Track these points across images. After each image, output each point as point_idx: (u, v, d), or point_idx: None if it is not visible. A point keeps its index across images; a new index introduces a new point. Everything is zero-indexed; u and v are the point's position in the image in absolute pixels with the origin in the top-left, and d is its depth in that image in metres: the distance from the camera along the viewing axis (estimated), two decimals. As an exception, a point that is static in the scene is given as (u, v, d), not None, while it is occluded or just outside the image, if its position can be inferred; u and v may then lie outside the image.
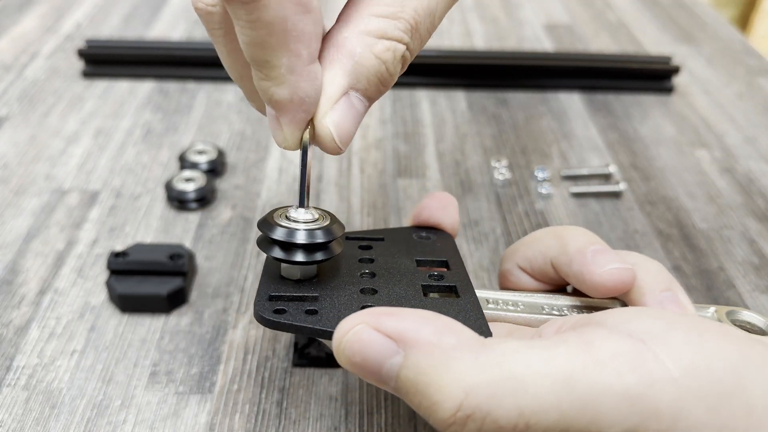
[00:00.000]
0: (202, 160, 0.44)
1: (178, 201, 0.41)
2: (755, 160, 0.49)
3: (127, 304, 0.34)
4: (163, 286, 0.34)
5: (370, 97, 0.24)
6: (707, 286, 0.38)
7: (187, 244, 0.39)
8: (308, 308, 0.23)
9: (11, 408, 0.30)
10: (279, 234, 0.24)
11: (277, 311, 0.23)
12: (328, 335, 0.22)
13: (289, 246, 0.24)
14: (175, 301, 0.35)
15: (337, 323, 0.21)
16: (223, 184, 0.44)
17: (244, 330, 0.34)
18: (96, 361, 0.32)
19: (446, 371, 0.19)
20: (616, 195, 0.45)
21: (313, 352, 0.32)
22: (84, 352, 0.33)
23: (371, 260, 0.27)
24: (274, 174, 0.45)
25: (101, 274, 0.37)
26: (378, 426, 0.30)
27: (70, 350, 0.33)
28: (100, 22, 0.64)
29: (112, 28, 0.63)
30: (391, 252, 0.28)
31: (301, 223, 0.24)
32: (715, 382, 0.19)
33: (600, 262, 0.25)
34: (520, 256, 0.29)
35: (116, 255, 0.35)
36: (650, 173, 0.47)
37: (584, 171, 0.46)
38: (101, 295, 0.36)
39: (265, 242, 0.24)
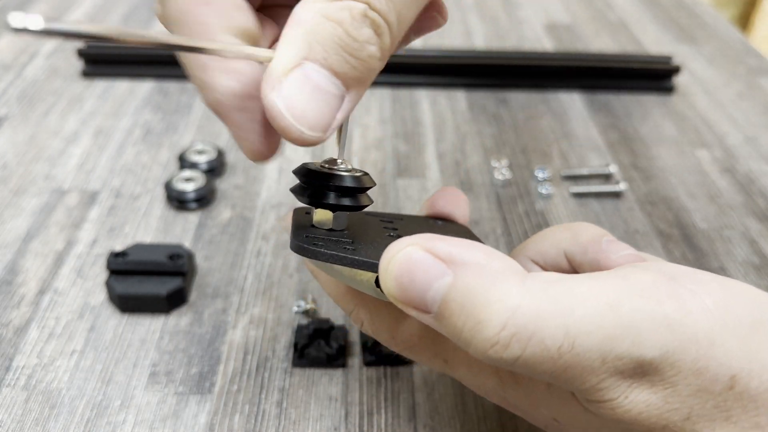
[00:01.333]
0: (202, 160, 0.44)
1: (177, 201, 0.41)
2: (756, 160, 0.49)
3: (127, 304, 0.34)
4: (162, 287, 0.34)
5: (336, 71, 0.20)
6: (708, 286, 0.38)
7: (187, 244, 0.39)
8: (346, 247, 0.23)
9: (11, 408, 0.30)
10: (328, 179, 0.23)
11: (316, 244, 0.23)
12: (367, 266, 0.22)
13: (332, 191, 0.24)
14: (174, 301, 0.35)
15: (375, 256, 0.22)
16: (222, 184, 0.44)
17: (244, 330, 0.34)
18: (95, 362, 0.32)
19: (494, 291, 0.19)
20: (616, 195, 0.45)
21: (313, 353, 0.32)
22: (83, 352, 0.33)
23: (395, 229, 0.28)
24: (273, 174, 0.45)
25: (101, 274, 0.37)
26: (378, 426, 0.30)
27: (69, 350, 0.33)
28: (99, 22, 0.64)
29: (112, 28, 0.63)
30: (412, 228, 0.28)
31: (343, 170, 0.24)
32: (744, 314, 0.20)
33: (614, 249, 0.26)
34: (531, 249, 0.29)
35: (116, 255, 0.35)
36: (651, 173, 0.47)
37: (584, 171, 0.46)
38: (101, 295, 0.35)
39: (300, 189, 0.24)
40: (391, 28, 0.21)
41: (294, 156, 0.47)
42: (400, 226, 0.28)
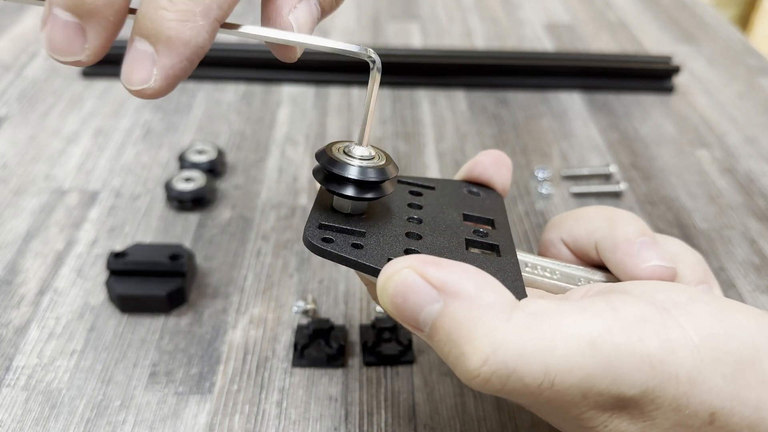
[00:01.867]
0: (202, 160, 0.44)
1: (177, 201, 0.41)
2: (756, 159, 0.49)
3: (127, 304, 0.34)
4: (162, 287, 0.34)
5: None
6: (708, 286, 0.38)
7: (187, 244, 0.39)
8: (354, 242, 0.24)
9: (11, 408, 0.30)
10: (336, 168, 0.24)
11: (325, 240, 0.23)
12: (370, 270, 0.23)
13: (343, 180, 0.24)
14: (174, 301, 0.35)
15: (380, 261, 0.22)
16: (222, 184, 0.44)
17: (244, 330, 0.34)
18: (95, 362, 0.32)
19: (479, 325, 0.20)
20: (616, 195, 0.45)
21: (313, 353, 0.32)
22: (83, 352, 0.33)
23: (420, 207, 0.27)
24: (273, 174, 0.45)
25: (101, 274, 0.37)
26: (378, 426, 0.30)
27: (69, 350, 0.33)
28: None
29: (112, 28, 0.63)
30: (440, 202, 0.28)
31: (358, 159, 0.24)
32: (733, 351, 0.20)
33: (645, 256, 0.25)
34: (566, 229, 0.29)
35: (116, 255, 0.35)
36: (651, 173, 0.47)
37: (585, 171, 0.46)
38: (101, 295, 0.35)
39: (321, 172, 0.24)
40: None
41: (294, 156, 0.47)
42: (427, 201, 0.28)
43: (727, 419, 0.20)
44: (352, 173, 0.24)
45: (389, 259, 0.23)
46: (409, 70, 0.56)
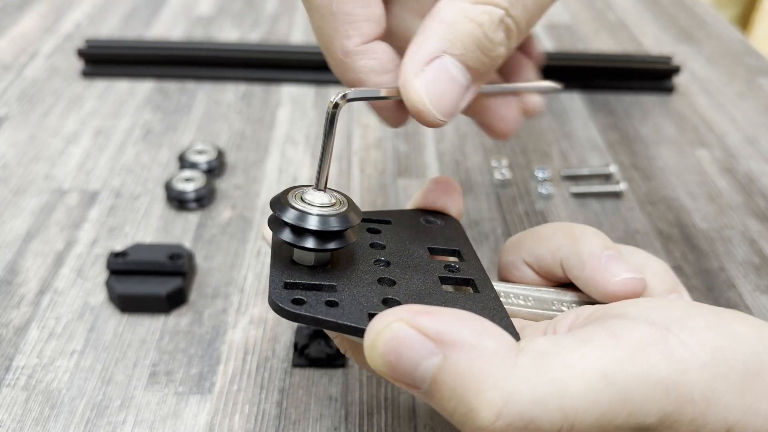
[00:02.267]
0: (202, 160, 0.44)
1: (177, 201, 0.41)
2: (756, 159, 0.49)
3: (127, 304, 0.34)
4: (162, 287, 0.34)
5: (470, 66, 0.23)
6: (708, 286, 0.38)
7: (187, 244, 0.39)
8: (328, 299, 0.22)
9: (11, 408, 0.30)
10: (293, 217, 0.22)
11: (296, 301, 0.21)
12: (352, 330, 0.21)
13: (302, 231, 0.22)
14: (174, 301, 0.35)
15: (361, 318, 0.21)
16: (222, 184, 0.44)
17: (244, 330, 0.34)
18: (95, 362, 0.32)
19: (485, 377, 0.19)
20: (616, 195, 0.45)
21: (313, 353, 0.32)
22: (83, 352, 0.33)
23: (383, 246, 0.26)
24: (273, 174, 0.45)
25: (101, 274, 0.37)
26: (378, 426, 0.30)
27: (69, 350, 0.33)
28: (99, 22, 0.64)
29: (112, 28, 0.63)
30: (401, 237, 0.27)
31: (317, 207, 0.22)
32: (739, 364, 0.20)
33: (613, 270, 0.25)
34: (526, 250, 0.28)
35: (116, 255, 0.35)
36: (651, 173, 0.47)
37: (584, 171, 0.46)
38: (101, 295, 0.35)
39: (277, 223, 0.23)
40: (520, 33, 0.24)
41: (294, 156, 0.47)
42: (388, 238, 0.26)
43: (743, 431, 0.20)
44: (313, 224, 0.22)
45: (370, 315, 0.21)
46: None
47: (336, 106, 0.23)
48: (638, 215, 0.43)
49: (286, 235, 0.22)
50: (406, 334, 0.19)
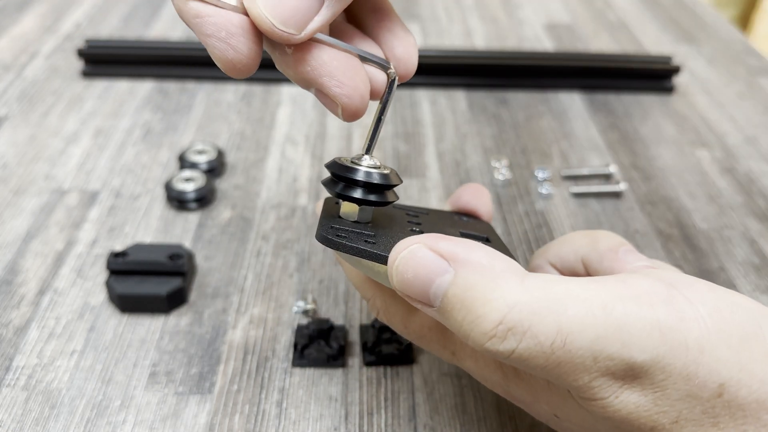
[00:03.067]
0: (202, 160, 0.44)
1: (177, 201, 0.41)
2: (756, 160, 0.49)
3: (127, 304, 0.34)
4: (162, 287, 0.34)
5: None
6: (708, 286, 0.38)
7: (187, 244, 0.39)
8: (366, 239, 0.24)
9: (11, 408, 0.30)
10: (345, 173, 0.25)
11: (339, 235, 0.24)
12: (381, 259, 0.23)
13: (351, 184, 0.25)
14: (174, 301, 0.35)
15: (390, 250, 0.23)
16: (222, 184, 0.44)
17: (244, 330, 0.34)
18: (95, 362, 0.32)
19: (493, 287, 0.20)
20: (616, 195, 0.45)
21: (313, 353, 0.32)
22: (83, 352, 0.33)
23: (419, 224, 0.28)
24: (273, 174, 0.45)
25: (101, 274, 0.37)
26: (378, 426, 0.30)
27: (69, 350, 0.33)
28: (99, 22, 0.64)
29: (112, 28, 0.63)
30: (436, 222, 0.29)
31: (365, 167, 0.25)
32: (737, 325, 0.20)
33: (630, 259, 0.26)
34: (552, 252, 0.30)
35: (116, 255, 0.35)
36: (651, 173, 0.47)
37: (584, 171, 0.46)
38: (101, 295, 0.35)
39: (330, 182, 0.26)
40: None
41: (294, 156, 0.47)
42: (424, 220, 0.29)
43: (736, 392, 0.20)
44: (360, 176, 0.25)
45: None
46: (409, 70, 0.56)
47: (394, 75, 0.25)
48: (638, 215, 0.43)
49: (333, 192, 0.25)
50: (424, 254, 0.21)
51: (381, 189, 0.25)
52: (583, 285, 0.21)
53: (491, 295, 0.20)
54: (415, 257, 0.21)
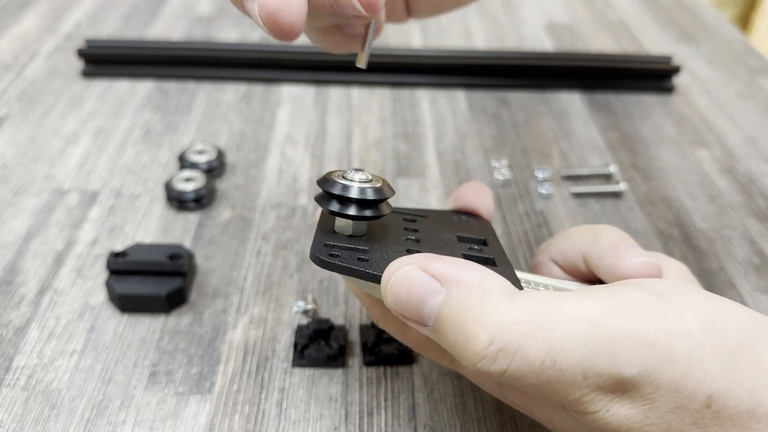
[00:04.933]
0: (202, 160, 0.44)
1: (177, 201, 0.41)
2: (756, 160, 0.49)
3: (127, 304, 0.34)
4: (162, 287, 0.34)
5: None
6: (708, 286, 0.38)
7: (187, 244, 0.39)
8: (360, 257, 0.25)
9: (11, 408, 0.30)
10: (337, 189, 0.25)
11: (332, 255, 0.25)
12: (375, 278, 0.23)
13: (344, 201, 0.25)
14: (174, 301, 0.35)
15: (383, 269, 0.23)
16: (222, 184, 0.44)
17: (244, 330, 0.34)
18: (95, 362, 0.32)
19: (484, 308, 0.21)
20: (616, 195, 0.45)
21: (313, 353, 0.32)
22: (83, 352, 0.33)
23: (416, 230, 0.28)
24: (273, 174, 0.45)
25: (101, 274, 0.37)
26: (378, 426, 0.30)
27: (69, 350, 0.33)
28: (99, 22, 0.64)
29: (112, 28, 0.63)
30: (434, 227, 0.29)
31: (357, 182, 0.26)
32: (728, 337, 0.21)
33: (630, 255, 0.26)
34: (553, 248, 0.30)
35: (116, 255, 0.35)
36: (651, 173, 0.47)
37: (584, 171, 0.46)
38: (101, 295, 0.35)
39: (323, 198, 0.26)
40: None
41: (294, 156, 0.47)
42: (422, 226, 0.29)
43: (725, 402, 0.20)
44: (353, 193, 0.25)
45: None
46: (409, 70, 0.56)
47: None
48: (638, 215, 0.43)
49: (330, 206, 0.26)
50: (416, 275, 0.22)
51: (375, 204, 0.26)
52: (574, 301, 0.21)
53: (481, 315, 0.20)
54: (409, 278, 0.22)
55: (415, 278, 0.21)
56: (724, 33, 0.68)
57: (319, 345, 0.32)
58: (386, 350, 0.32)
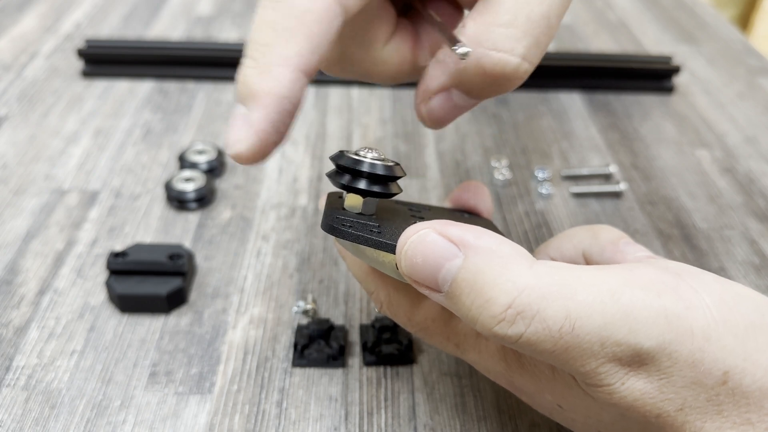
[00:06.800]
0: (202, 159, 0.44)
1: (177, 201, 0.41)
2: (756, 159, 0.49)
3: (127, 304, 0.34)
4: (162, 287, 0.34)
5: (478, 95, 0.27)
6: (708, 286, 0.38)
7: (187, 244, 0.39)
8: (372, 229, 0.25)
9: (11, 408, 0.30)
10: (349, 163, 0.25)
11: (344, 225, 0.25)
12: (388, 247, 0.23)
13: (356, 175, 0.25)
14: (174, 301, 0.35)
15: (397, 239, 0.23)
16: (222, 184, 0.44)
17: (244, 330, 0.34)
18: (95, 362, 0.32)
19: (503, 272, 0.20)
20: (616, 195, 0.45)
21: (313, 353, 0.32)
22: (83, 352, 0.33)
23: (422, 218, 0.29)
24: (273, 174, 0.45)
25: (101, 274, 0.37)
26: (378, 426, 0.30)
27: (69, 350, 0.33)
28: (99, 22, 0.64)
29: (112, 28, 0.63)
30: (439, 218, 0.30)
31: (370, 159, 0.25)
32: (742, 315, 0.21)
33: (630, 251, 0.27)
34: (553, 247, 0.30)
35: (116, 255, 0.35)
36: (651, 173, 0.47)
37: (584, 171, 0.46)
38: (101, 295, 0.35)
39: (335, 173, 0.26)
40: (531, 65, 0.25)
41: (294, 156, 0.47)
42: (426, 215, 0.29)
43: (740, 379, 0.20)
44: (365, 167, 0.25)
45: None
46: (409, 70, 0.56)
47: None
48: (638, 215, 0.43)
49: (338, 184, 0.26)
50: (433, 238, 0.21)
51: (385, 180, 0.25)
52: (592, 272, 0.21)
53: (500, 279, 0.20)
54: (425, 242, 0.21)
55: (432, 242, 0.21)
56: (724, 33, 0.68)
57: (319, 345, 0.32)
58: (386, 350, 0.32)
